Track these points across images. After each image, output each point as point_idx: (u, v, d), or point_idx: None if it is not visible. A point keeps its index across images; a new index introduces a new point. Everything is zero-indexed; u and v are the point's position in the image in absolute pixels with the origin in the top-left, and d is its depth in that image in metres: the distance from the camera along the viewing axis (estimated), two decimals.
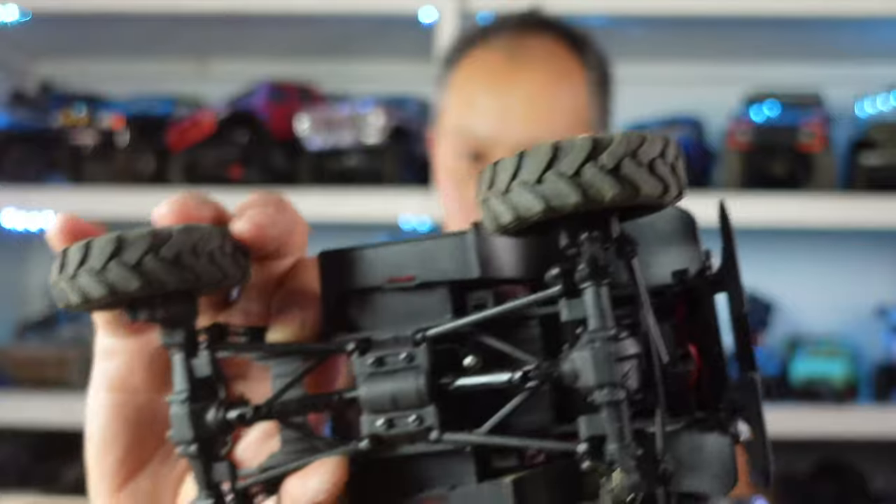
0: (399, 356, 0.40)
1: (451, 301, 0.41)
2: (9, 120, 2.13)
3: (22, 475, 2.12)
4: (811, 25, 2.05)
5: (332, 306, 0.42)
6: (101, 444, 0.46)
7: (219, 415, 0.40)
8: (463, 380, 0.40)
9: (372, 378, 0.40)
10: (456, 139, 1.26)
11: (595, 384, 0.36)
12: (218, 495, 0.40)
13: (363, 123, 1.95)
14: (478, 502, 0.39)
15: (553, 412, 0.40)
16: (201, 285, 0.39)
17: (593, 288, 0.37)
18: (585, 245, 0.36)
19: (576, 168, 0.35)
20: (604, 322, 0.36)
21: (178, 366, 0.40)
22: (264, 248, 0.42)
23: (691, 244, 0.42)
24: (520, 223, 0.36)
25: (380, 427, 0.40)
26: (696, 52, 2.25)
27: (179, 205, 0.42)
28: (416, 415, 0.39)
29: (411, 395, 0.39)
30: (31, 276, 2.46)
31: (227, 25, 2.16)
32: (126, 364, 0.45)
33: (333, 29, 2.16)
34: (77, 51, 2.35)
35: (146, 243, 0.38)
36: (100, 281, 0.38)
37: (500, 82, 1.26)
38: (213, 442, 0.40)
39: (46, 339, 2.21)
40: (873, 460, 2.18)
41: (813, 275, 2.31)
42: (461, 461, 0.40)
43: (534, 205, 0.35)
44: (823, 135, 1.94)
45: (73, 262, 0.38)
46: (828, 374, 1.97)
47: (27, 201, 2.07)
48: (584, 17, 1.85)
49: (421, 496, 0.41)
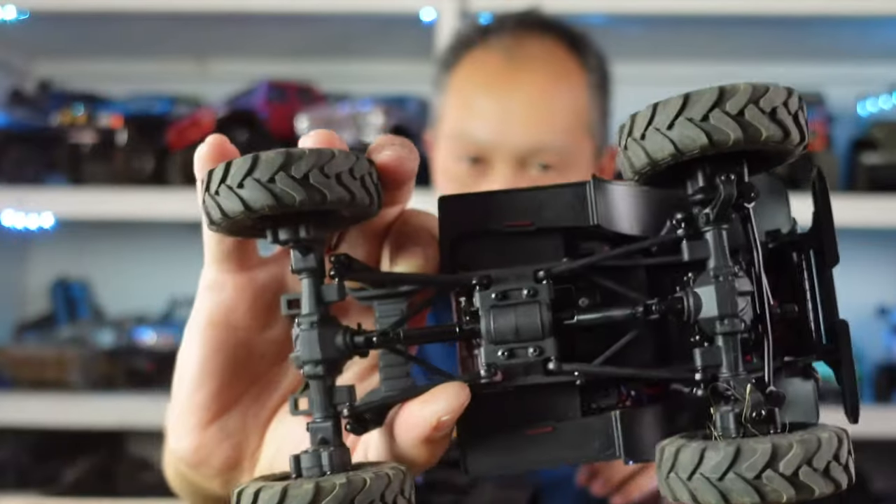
0: (522, 291, 0.43)
1: (564, 246, 0.44)
2: (8, 119, 2.13)
3: (22, 475, 2.12)
4: (812, 25, 2.05)
5: (450, 247, 0.44)
6: (197, 377, 0.46)
7: (346, 338, 0.42)
8: (583, 315, 0.43)
9: (495, 310, 0.43)
10: (455, 143, 1.25)
11: (717, 315, 0.40)
12: (336, 416, 0.42)
13: (363, 123, 1.95)
14: (584, 432, 0.43)
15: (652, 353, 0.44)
16: (352, 206, 0.41)
17: (716, 229, 0.41)
18: (723, 186, 0.40)
19: (704, 113, 0.39)
20: (725, 260, 0.41)
21: (309, 289, 0.42)
22: (401, 180, 0.43)
23: (782, 207, 0.46)
24: (653, 165, 0.40)
25: (500, 357, 0.42)
26: (696, 52, 2.25)
27: (327, 136, 0.43)
28: (536, 346, 0.42)
29: (534, 326, 0.42)
30: (30, 276, 2.46)
31: (227, 25, 2.16)
32: (231, 299, 0.46)
33: (333, 28, 2.15)
34: (76, 50, 2.35)
35: (313, 159, 0.39)
36: (266, 190, 0.39)
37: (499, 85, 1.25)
38: (335, 365, 0.42)
39: (46, 339, 2.21)
40: (874, 460, 2.18)
41: None
42: (567, 397, 0.43)
43: (665, 146, 0.39)
44: (824, 134, 1.94)
45: (240, 172, 0.39)
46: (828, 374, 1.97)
47: (26, 201, 2.06)
48: (584, 17, 1.85)
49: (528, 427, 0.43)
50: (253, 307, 0.47)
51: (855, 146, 2.03)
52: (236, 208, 0.39)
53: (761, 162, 0.42)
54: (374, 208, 0.42)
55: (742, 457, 0.38)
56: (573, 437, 0.43)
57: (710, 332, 0.41)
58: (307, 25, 2.14)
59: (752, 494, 0.38)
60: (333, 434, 0.42)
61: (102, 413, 2.03)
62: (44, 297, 2.36)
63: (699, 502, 0.39)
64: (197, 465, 0.48)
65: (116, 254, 2.39)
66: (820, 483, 0.38)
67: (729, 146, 0.39)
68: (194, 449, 0.48)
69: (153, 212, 1.96)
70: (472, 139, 1.23)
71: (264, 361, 0.48)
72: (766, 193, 0.46)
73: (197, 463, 0.48)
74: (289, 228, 0.41)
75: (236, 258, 0.46)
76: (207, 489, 0.52)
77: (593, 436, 0.43)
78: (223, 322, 0.47)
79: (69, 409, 2.06)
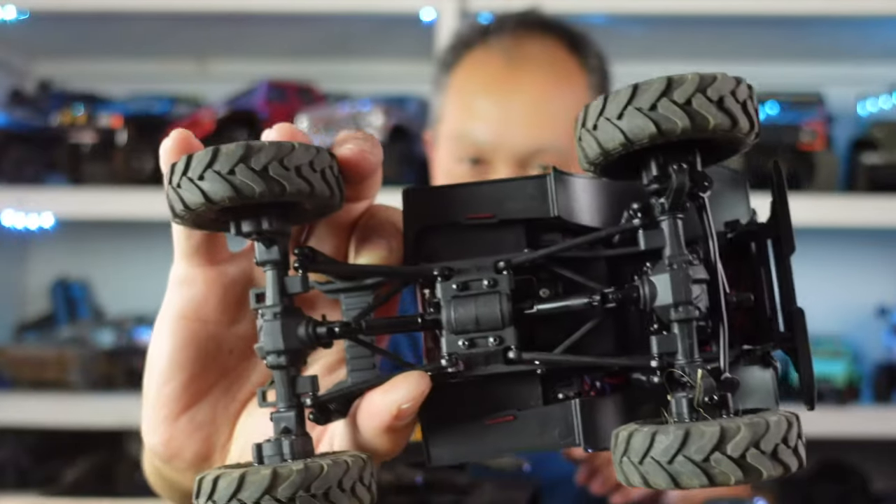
0: (482, 281, 0.43)
1: (525, 238, 0.45)
2: (8, 119, 2.13)
3: (22, 475, 2.12)
4: (812, 25, 2.05)
5: (414, 239, 0.45)
6: (166, 370, 0.47)
7: (309, 329, 0.42)
8: (543, 304, 0.44)
9: (456, 301, 0.43)
10: (456, 144, 1.25)
11: (672, 302, 0.41)
12: (299, 405, 0.42)
13: (363, 123, 1.95)
14: (545, 420, 0.44)
15: (613, 342, 0.44)
16: (312, 199, 0.41)
17: (671, 218, 0.41)
18: (675, 175, 0.41)
19: (652, 103, 0.39)
20: (680, 248, 0.41)
21: (272, 281, 0.42)
22: (363, 173, 0.44)
23: (741, 198, 0.47)
24: (605, 155, 0.40)
25: (461, 346, 0.43)
26: (697, 52, 2.25)
27: (289, 130, 0.44)
28: (496, 335, 0.43)
29: (494, 316, 0.43)
30: (30, 276, 2.45)
31: (227, 25, 2.16)
32: (201, 293, 0.47)
33: (333, 28, 2.15)
34: (76, 50, 2.35)
35: (273, 152, 0.40)
36: (226, 182, 0.40)
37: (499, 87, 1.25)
38: (299, 356, 0.43)
39: (46, 339, 2.21)
40: (874, 460, 2.18)
41: (813, 275, 2.31)
42: (529, 386, 0.44)
43: (615, 136, 0.39)
44: (824, 134, 1.94)
45: (201, 164, 0.40)
46: (829, 374, 1.97)
47: (26, 201, 2.06)
48: (584, 17, 1.85)
49: (489, 416, 0.44)
50: (223, 301, 0.47)
51: (855, 146, 2.03)
52: (197, 200, 0.40)
53: (715, 152, 0.42)
54: (337, 201, 0.43)
55: (691, 440, 0.38)
56: (534, 425, 0.44)
57: (665, 320, 0.41)
58: (307, 25, 2.14)
59: (700, 477, 0.38)
60: (296, 423, 0.42)
61: (102, 413, 2.03)
62: (44, 297, 2.36)
63: (650, 485, 0.39)
64: (169, 458, 0.49)
65: (116, 254, 2.39)
66: (767, 465, 0.38)
67: (677, 135, 0.39)
68: (165, 441, 0.48)
69: (153, 212, 1.96)
70: (473, 140, 1.22)
71: (233, 355, 0.48)
72: (726, 185, 0.47)
73: (169, 456, 0.49)
74: (251, 220, 0.42)
75: (205, 252, 0.47)
76: (182, 484, 0.53)
77: (554, 424, 0.44)
78: (193, 315, 0.47)
79: (69, 409, 2.06)
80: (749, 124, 0.41)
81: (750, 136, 0.41)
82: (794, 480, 2.12)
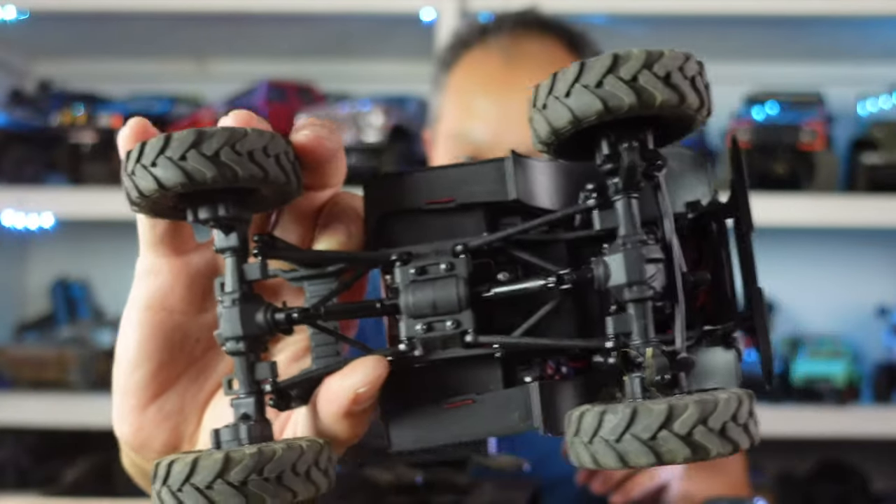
0: (440, 266, 0.43)
1: (485, 222, 0.45)
2: (8, 119, 2.13)
3: (22, 475, 2.12)
4: (812, 25, 2.05)
5: (375, 225, 0.45)
6: (134, 359, 0.47)
7: (267, 315, 0.42)
8: (500, 287, 0.43)
9: (413, 285, 0.43)
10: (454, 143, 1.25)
11: (625, 282, 0.40)
12: (259, 392, 0.43)
13: (363, 123, 1.95)
14: (504, 404, 0.43)
15: (574, 325, 0.44)
16: (267, 184, 0.41)
17: (625, 198, 0.41)
18: (625, 153, 0.40)
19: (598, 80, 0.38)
20: (634, 228, 0.41)
21: (231, 268, 0.43)
22: (319, 161, 0.44)
23: (703, 180, 0.46)
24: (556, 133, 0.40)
25: (419, 330, 0.43)
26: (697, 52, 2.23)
27: (245, 116, 0.45)
28: (454, 319, 0.43)
29: (451, 300, 0.43)
30: (30, 276, 2.45)
31: (227, 25, 2.16)
32: (167, 283, 0.47)
33: (333, 28, 2.15)
34: (76, 50, 2.35)
35: (224, 137, 0.40)
36: (178, 168, 0.39)
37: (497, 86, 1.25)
38: (258, 342, 0.43)
39: (46, 339, 2.21)
40: (874, 460, 2.18)
41: (813, 275, 2.31)
42: (489, 370, 0.44)
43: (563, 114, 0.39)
44: (824, 134, 1.94)
45: (153, 151, 0.40)
46: (829, 374, 1.97)
47: (26, 201, 2.06)
48: (585, 17, 1.85)
49: (449, 400, 0.44)
50: (189, 291, 0.47)
51: (855, 146, 2.03)
52: (151, 187, 0.40)
53: (668, 131, 0.42)
54: (294, 187, 0.43)
55: (638, 418, 0.38)
56: (493, 409, 0.43)
57: (621, 300, 0.41)
58: (307, 25, 2.14)
59: (648, 455, 0.38)
60: (255, 409, 0.42)
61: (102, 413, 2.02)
62: (44, 297, 2.36)
63: (600, 465, 0.39)
64: (139, 447, 0.49)
65: (116, 254, 2.38)
66: (716, 443, 0.38)
67: (624, 112, 0.39)
68: (135, 431, 0.49)
69: None
70: (471, 139, 1.22)
71: (200, 345, 0.48)
72: (687, 166, 0.46)
73: (138, 445, 0.49)
74: (207, 207, 0.42)
75: (170, 242, 0.47)
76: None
77: (513, 408, 0.43)
78: (159, 306, 0.47)
79: (69, 409, 2.06)
80: (698, 100, 0.40)
81: (700, 112, 0.40)
82: (794, 480, 2.12)
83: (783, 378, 2.01)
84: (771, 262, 2.30)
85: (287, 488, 0.39)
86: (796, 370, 1.99)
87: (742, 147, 1.94)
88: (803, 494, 2.09)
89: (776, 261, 2.31)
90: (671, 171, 0.45)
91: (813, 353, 2.03)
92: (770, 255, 2.31)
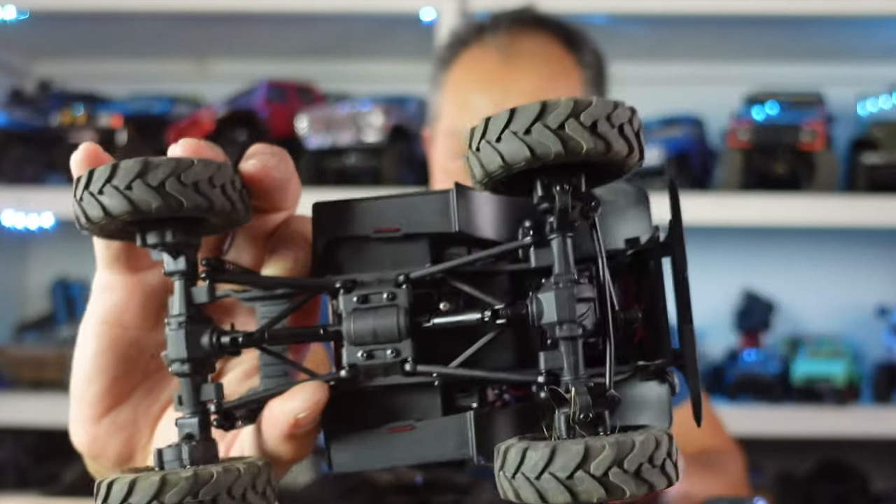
0: (382, 295, 0.45)
1: (430, 252, 0.46)
2: (8, 119, 2.13)
3: (21, 475, 2.12)
4: (812, 25, 2.05)
5: (322, 251, 0.46)
6: (90, 372, 0.49)
7: (213, 338, 0.44)
8: (439, 318, 0.45)
9: (356, 313, 0.45)
10: (452, 141, 1.25)
11: (556, 320, 0.41)
12: (204, 412, 0.44)
13: (363, 122, 1.95)
14: (442, 431, 0.45)
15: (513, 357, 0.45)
16: (213, 214, 0.43)
17: (560, 238, 0.42)
18: (558, 196, 0.42)
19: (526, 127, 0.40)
20: (567, 267, 0.42)
21: (179, 291, 0.44)
22: (268, 189, 0.45)
23: (643, 216, 0.47)
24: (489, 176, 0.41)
25: (360, 357, 0.44)
26: (697, 52, 2.25)
27: (193, 145, 0.45)
28: (393, 347, 0.44)
29: (391, 329, 0.44)
30: (30, 276, 2.45)
31: (227, 25, 2.16)
32: (122, 299, 0.48)
33: (333, 28, 2.15)
34: (76, 50, 2.35)
35: (170, 167, 0.41)
36: (124, 197, 0.41)
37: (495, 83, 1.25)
38: (205, 364, 0.44)
39: (45, 339, 2.21)
40: (874, 460, 2.18)
41: (813, 275, 2.31)
42: (429, 397, 0.45)
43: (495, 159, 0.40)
44: (824, 134, 1.94)
45: (100, 179, 0.42)
46: (829, 374, 1.97)
47: (26, 201, 2.06)
48: (585, 17, 1.85)
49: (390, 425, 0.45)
50: (143, 307, 0.48)
51: (855, 146, 2.03)
52: (98, 214, 0.42)
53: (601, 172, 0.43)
54: (241, 215, 0.44)
55: (556, 457, 0.39)
56: (431, 435, 0.45)
57: (553, 337, 0.42)
58: (307, 25, 2.14)
59: (565, 494, 0.39)
60: (199, 429, 0.44)
61: None
62: (44, 297, 2.36)
63: (522, 501, 0.40)
64: (94, 456, 0.51)
65: None
66: (630, 484, 0.38)
67: (551, 159, 0.40)
68: (90, 441, 0.51)
69: None
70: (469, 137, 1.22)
71: (154, 359, 0.49)
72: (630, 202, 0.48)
73: (94, 455, 0.51)
74: (155, 233, 0.43)
75: (125, 261, 0.48)
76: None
77: (450, 435, 0.45)
78: (114, 321, 0.48)
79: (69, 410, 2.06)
80: (626, 147, 0.41)
81: (630, 158, 0.41)
82: (794, 480, 2.12)
83: (783, 378, 2.01)
84: (771, 262, 2.30)
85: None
86: (796, 370, 1.99)
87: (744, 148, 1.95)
88: (803, 494, 2.09)
89: (776, 261, 2.31)
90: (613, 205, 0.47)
91: (813, 353, 2.03)
92: (770, 255, 2.31)
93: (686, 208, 0.46)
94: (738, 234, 2.22)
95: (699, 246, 2.34)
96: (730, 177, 1.97)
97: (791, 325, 2.27)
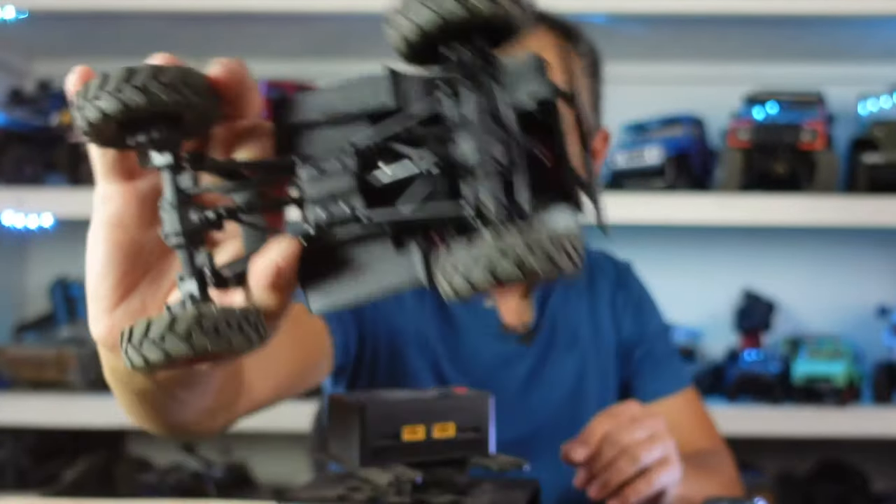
0: (335, 164, 0.53)
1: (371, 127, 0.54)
2: (8, 119, 2.13)
3: (21, 475, 2.12)
4: (812, 25, 2.05)
5: (283, 140, 0.55)
6: (101, 271, 0.57)
7: (200, 213, 0.52)
8: (381, 173, 0.53)
9: (314, 180, 0.53)
10: None
11: (476, 147, 0.50)
12: (200, 277, 0.52)
13: None
14: (396, 264, 0.53)
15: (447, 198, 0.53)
16: (189, 109, 0.51)
17: (470, 87, 0.51)
18: (465, 56, 0.51)
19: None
20: (481, 114, 0.51)
21: (167, 180, 0.52)
22: (231, 87, 0.54)
23: (542, 80, 0.55)
24: (424, 35, 0.51)
25: (321, 214, 0.53)
26: (698, 52, 2.25)
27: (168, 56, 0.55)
28: (348, 203, 0.53)
29: (344, 188, 0.53)
30: (30, 276, 2.46)
31: (226, 25, 2.16)
32: (121, 205, 0.56)
33: (333, 28, 2.15)
34: (76, 50, 2.35)
35: (150, 71, 0.51)
36: (116, 99, 0.50)
37: None
38: (196, 236, 0.52)
39: (45, 339, 2.21)
40: (874, 460, 2.18)
41: (813, 275, 2.31)
42: (382, 241, 0.54)
43: (456, 8, 0.49)
44: (824, 134, 1.94)
45: (94, 86, 0.50)
46: (829, 374, 1.97)
47: (26, 201, 2.06)
48: (586, 16, 1.85)
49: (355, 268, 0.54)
50: (139, 210, 0.56)
51: (855, 146, 2.03)
52: (96, 115, 0.50)
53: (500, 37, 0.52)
54: (212, 111, 0.53)
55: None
56: (388, 268, 0.54)
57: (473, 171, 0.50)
58: (306, 25, 2.14)
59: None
60: (198, 288, 0.52)
61: (102, 413, 2.03)
62: (43, 297, 2.36)
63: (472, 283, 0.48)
64: (112, 345, 0.57)
65: None
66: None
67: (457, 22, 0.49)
68: (108, 331, 0.57)
69: None
70: None
71: (154, 254, 0.58)
72: (529, 70, 0.55)
73: (112, 343, 0.57)
74: (143, 132, 0.51)
75: (120, 169, 0.55)
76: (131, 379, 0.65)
77: (403, 266, 0.53)
78: (117, 224, 0.56)
79: (69, 409, 2.06)
80: (519, 10, 0.50)
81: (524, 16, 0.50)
82: (794, 480, 2.12)
83: (783, 378, 2.01)
84: (771, 262, 2.30)
85: (223, 337, 0.49)
86: (797, 370, 1.99)
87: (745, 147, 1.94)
88: (803, 494, 2.09)
89: (776, 261, 2.31)
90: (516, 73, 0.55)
91: (813, 353, 2.03)
92: (770, 255, 2.31)
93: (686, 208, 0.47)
94: (738, 234, 2.22)
95: (699, 246, 2.35)
96: (730, 177, 1.97)
97: (791, 325, 2.27)
